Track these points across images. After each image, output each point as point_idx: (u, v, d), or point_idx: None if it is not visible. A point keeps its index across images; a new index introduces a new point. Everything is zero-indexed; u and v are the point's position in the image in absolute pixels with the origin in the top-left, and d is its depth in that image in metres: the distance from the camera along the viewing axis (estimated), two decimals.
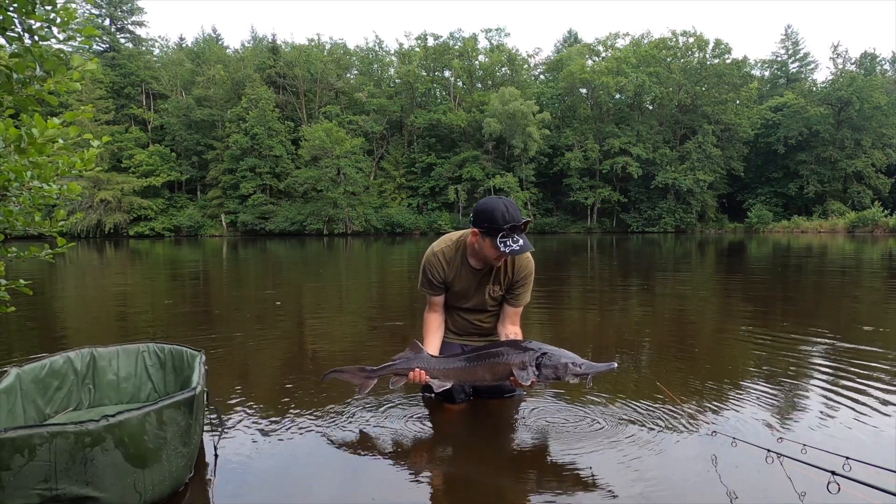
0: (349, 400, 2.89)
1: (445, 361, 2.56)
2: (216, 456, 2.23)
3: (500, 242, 2.40)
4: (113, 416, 1.67)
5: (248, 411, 2.76)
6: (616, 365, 2.29)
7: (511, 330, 2.74)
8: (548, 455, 2.24)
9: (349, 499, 1.95)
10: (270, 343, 4.51)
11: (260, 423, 2.59)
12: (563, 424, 2.54)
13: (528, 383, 2.31)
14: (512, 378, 2.38)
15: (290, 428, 2.53)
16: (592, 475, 2.06)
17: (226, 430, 2.49)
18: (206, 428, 2.51)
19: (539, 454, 2.25)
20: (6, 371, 2.24)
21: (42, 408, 2.37)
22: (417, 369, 2.51)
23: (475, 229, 2.49)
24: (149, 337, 4.50)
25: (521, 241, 2.41)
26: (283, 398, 2.96)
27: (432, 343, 2.74)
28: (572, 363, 2.29)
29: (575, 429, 2.48)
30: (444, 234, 2.96)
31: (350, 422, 2.60)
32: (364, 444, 2.37)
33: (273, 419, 2.64)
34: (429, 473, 2.15)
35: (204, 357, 2.39)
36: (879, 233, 34.15)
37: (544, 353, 2.33)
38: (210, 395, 2.55)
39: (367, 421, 2.60)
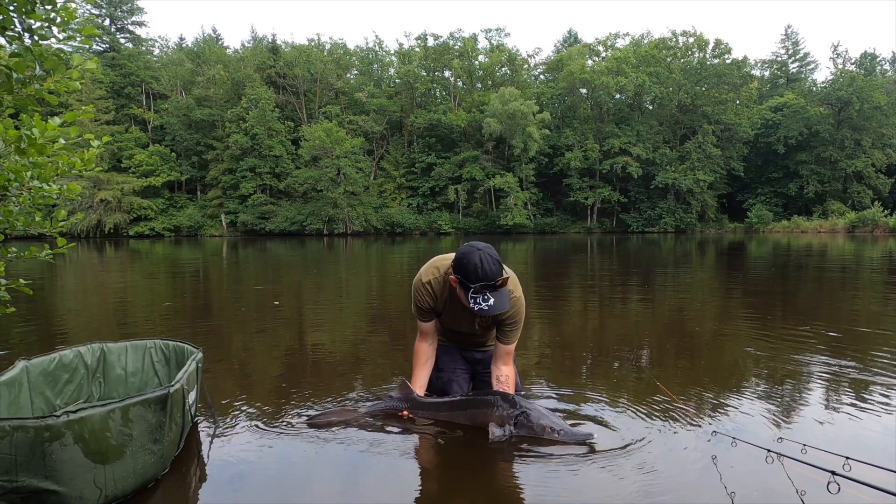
0: (347, 400, 2.89)
1: (433, 405, 2.60)
2: (202, 453, 2.22)
3: (471, 299, 2.30)
4: (74, 411, 1.70)
5: (246, 409, 2.76)
6: (595, 436, 2.32)
7: (503, 372, 2.63)
8: (547, 454, 2.24)
9: (348, 499, 1.95)
10: (269, 342, 4.51)
11: (257, 422, 2.59)
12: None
13: (503, 440, 2.35)
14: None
15: (287, 426, 2.53)
16: (593, 475, 2.06)
17: (222, 428, 2.49)
18: (201, 425, 2.52)
19: (538, 453, 2.25)
20: (13, 363, 2.27)
21: (52, 399, 2.42)
22: (405, 413, 2.57)
23: (453, 277, 2.39)
24: (149, 334, 4.50)
25: (491, 301, 2.28)
26: (280, 397, 2.96)
27: (420, 378, 2.71)
28: (550, 427, 2.34)
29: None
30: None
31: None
32: (362, 445, 2.36)
33: (271, 417, 2.64)
34: (428, 473, 2.16)
35: (200, 355, 2.39)
36: (879, 233, 34.13)
37: (523, 412, 2.38)
38: (205, 392, 2.56)
39: (365, 420, 2.60)
